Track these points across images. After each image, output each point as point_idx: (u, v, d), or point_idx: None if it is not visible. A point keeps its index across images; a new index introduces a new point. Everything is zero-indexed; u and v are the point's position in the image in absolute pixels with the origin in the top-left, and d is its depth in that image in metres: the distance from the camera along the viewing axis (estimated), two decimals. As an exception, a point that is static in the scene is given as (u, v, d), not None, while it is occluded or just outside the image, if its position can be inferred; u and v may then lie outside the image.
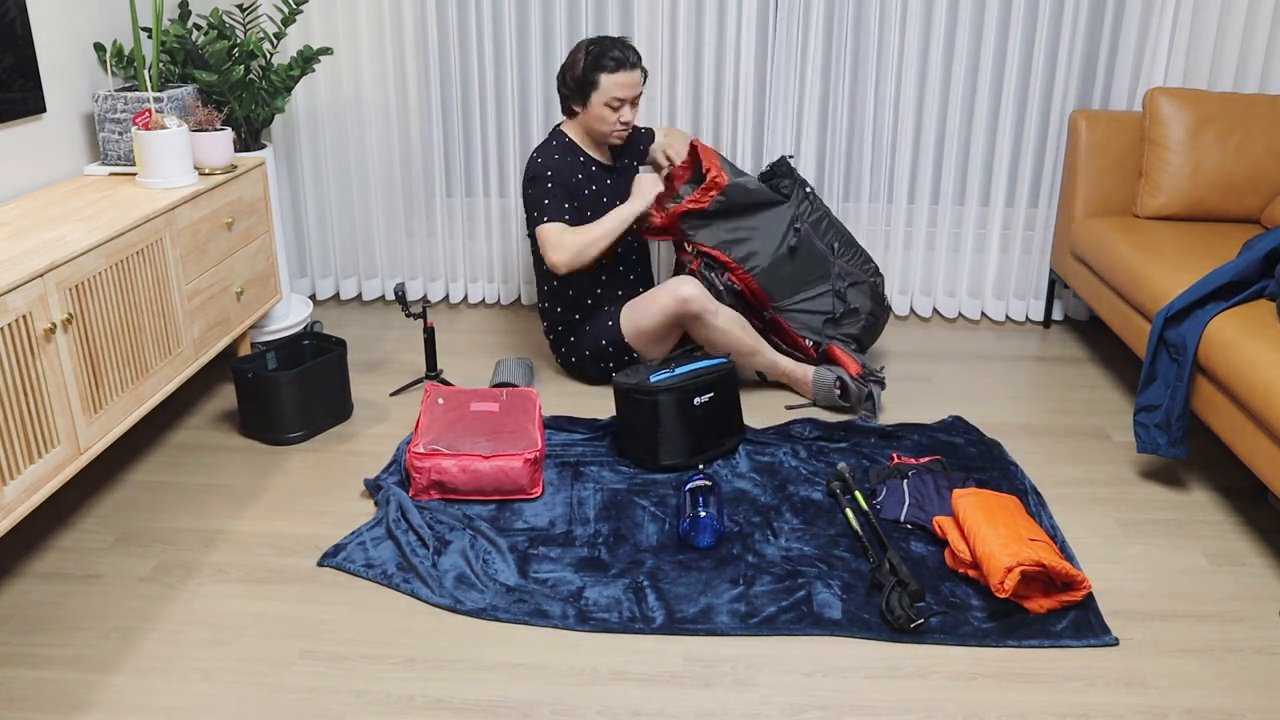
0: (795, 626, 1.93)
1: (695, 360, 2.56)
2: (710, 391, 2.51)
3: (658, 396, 2.44)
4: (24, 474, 1.92)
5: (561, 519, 2.28)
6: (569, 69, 2.82)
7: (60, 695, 1.76)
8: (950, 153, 3.37)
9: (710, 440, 2.53)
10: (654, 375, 2.49)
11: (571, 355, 2.98)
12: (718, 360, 2.58)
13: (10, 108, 2.49)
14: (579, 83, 2.80)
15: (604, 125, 2.84)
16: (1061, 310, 3.55)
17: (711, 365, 2.55)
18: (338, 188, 3.55)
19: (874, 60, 3.29)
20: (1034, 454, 2.61)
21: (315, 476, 2.49)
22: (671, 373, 2.50)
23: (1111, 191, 3.19)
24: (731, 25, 3.25)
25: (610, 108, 2.81)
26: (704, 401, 2.50)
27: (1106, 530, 2.28)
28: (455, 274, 3.64)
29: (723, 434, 2.55)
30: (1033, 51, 3.25)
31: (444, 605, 1.99)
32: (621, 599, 2.00)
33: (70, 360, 2.05)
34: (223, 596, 2.03)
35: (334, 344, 2.77)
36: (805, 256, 2.93)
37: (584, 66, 2.78)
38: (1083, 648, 1.89)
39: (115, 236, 2.20)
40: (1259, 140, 2.98)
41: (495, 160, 3.48)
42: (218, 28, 2.86)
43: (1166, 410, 2.37)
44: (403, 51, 3.37)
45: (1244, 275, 2.36)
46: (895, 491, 2.34)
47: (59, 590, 2.05)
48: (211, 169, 2.71)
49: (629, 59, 2.79)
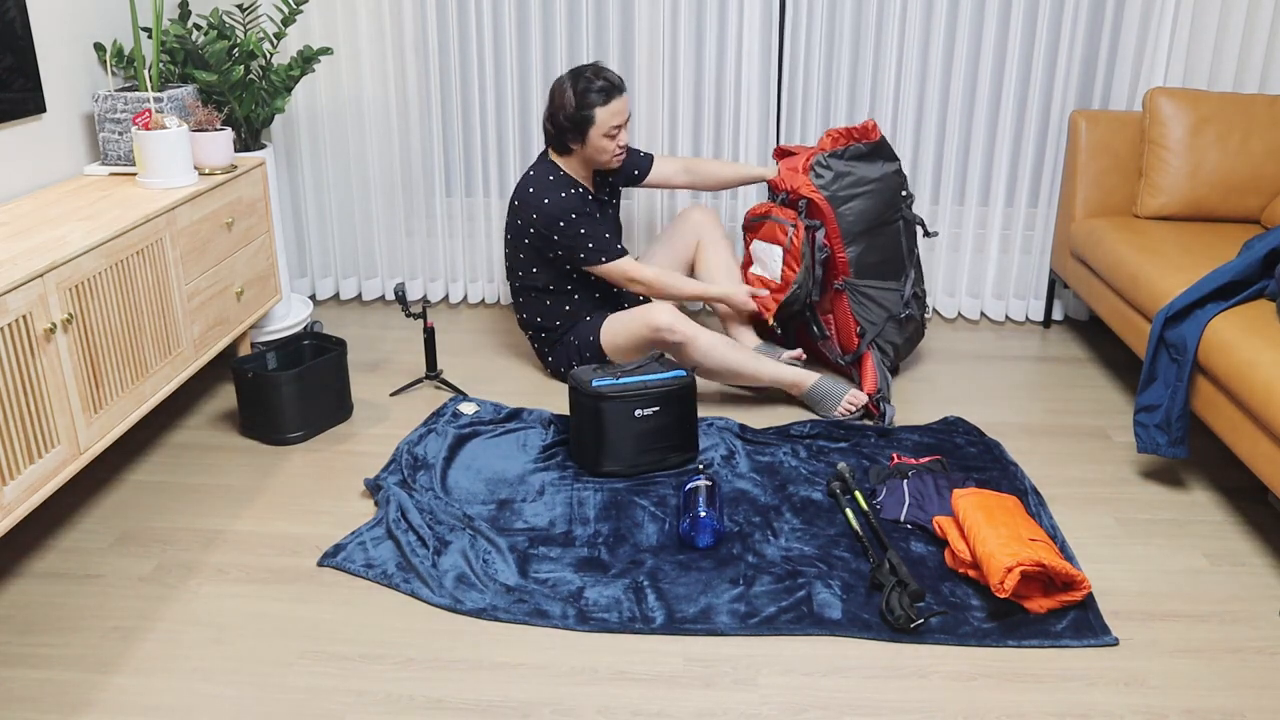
0: (795, 626, 1.93)
1: (650, 372, 2.47)
2: (655, 406, 2.43)
3: (600, 404, 2.40)
4: (24, 474, 1.92)
5: (561, 519, 2.28)
6: (559, 109, 2.80)
7: (60, 695, 1.76)
8: (950, 153, 3.37)
9: (655, 454, 2.46)
10: (597, 380, 2.43)
11: (560, 365, 2.99)
12: (674, 374, 2.48)
13: (10, 108, 2.49)
14: (574, 121, 2.78)
15: (604, 155, 2.85)
16: (1061, 310, 3.55)
17: (663, 378, 2.45)
18: (338, 188, 3.55)
19: (873, 60, 3.29)
20: (1034, 454, 2.61)
21: (315, 476, 2.49)
22: (615, 380, 2.43)
23: (1111, 191, 3.19)
24: (733, 26, 3.25)
25: (609, 137, 2.82)
26: (648, 414, 2.43)
27: (1106, 530, 2.28)
28: (455, 274, 3.64)
29: (670, 449, 2.48)
30: (1033, 51, 3.25)
31: (444, 605, 1.99)
32: (621, 599, 2.00)
33: (70, 360, 2.05)
34: (223, 596, 2.03)
35: (334, 344, 2.77)
36: (892, 246, 2.90)
37: (576, 104, 2.77)
38: (1083, 648, 1.89)
39: (115, 236, 2.20)
40: (1259, 140, 2.98)
41: (495, 160, 3.48)
42: (218, 28, 2.86)
43: (1166, 410, 2.37)
44: (403, 51, 3.37)
45: (1244, 275, 2.36)
46: (895, 491, 2.34)
47: (59, 590, 2.05)
48: (211, 169, 2.71)
49: (615, 84, 2.79)
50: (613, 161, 2.88)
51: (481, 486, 2.41)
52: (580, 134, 2.81)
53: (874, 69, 3.30)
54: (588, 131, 2.80)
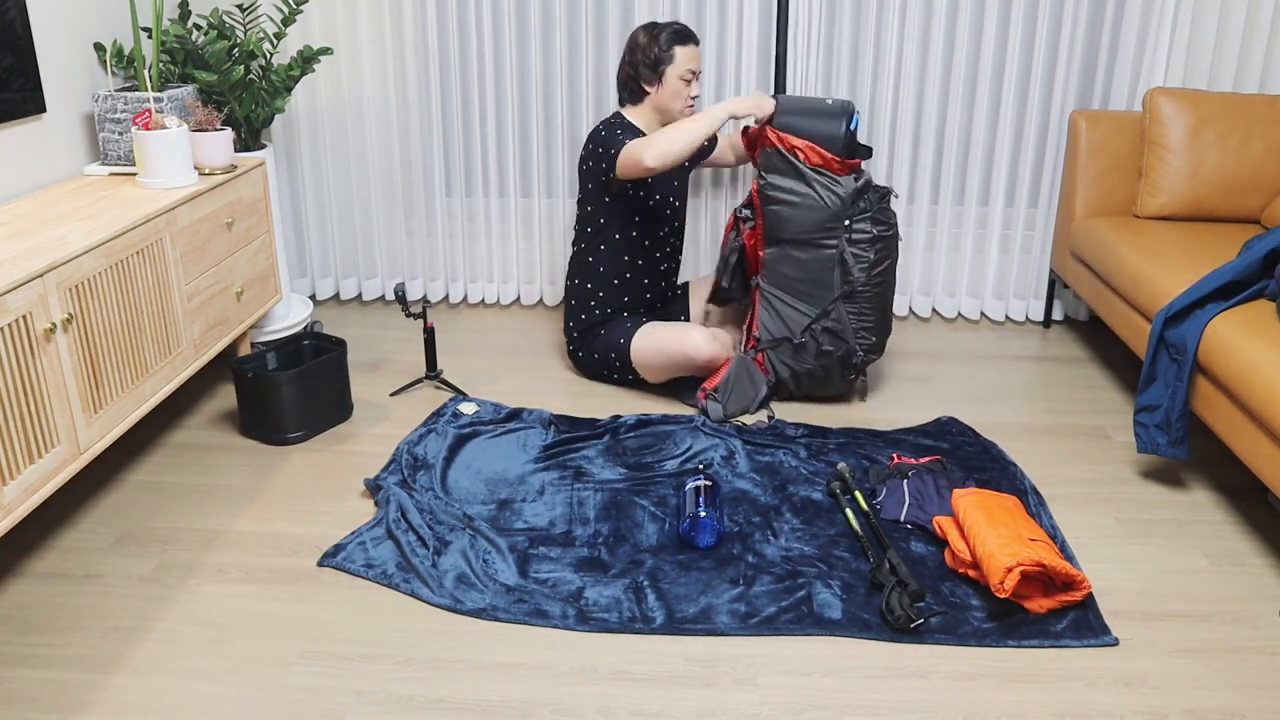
0: (795, 626, 1.93)
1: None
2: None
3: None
4: (24, 474, 1.92)
5: (561, 519, 2.28)
6: (636, 50, 2.86)
7: (60, 695, 1.76)
8: (950, 153, 3.37)
9: None
10: None
11: (579, 350, 2.99)
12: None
13: (10, 108, 2.49)
14: (654, 60, 2.83)
15: (678, 101, 2.89)
16: (1061, 310, 3.55)
17: None
18: (338, 188, 3.55)
19: (873, 60, 3.29)
20: (1034, 454, 2.61)
21: (315, 476, 2.49)
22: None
23: (1111, 191, 3.19)
24: (732, 27, 3.25)
25: (684, 80, 2.86)
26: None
27: (1106, 530, 2.28)
28: (455, 274, 3.64)
29: None
30: (1033, 51, 3.25)
31: (444, 605, 1.99)
32: (621, 599, 2.00)
33: (70, 360, 2.05)
34: (223, 596, 2.03)
35: (334, 344, 2.77)
36: (815, 269, 2.73)
37: (659, 43, 2.83)
38: (1083, 648, 1.89)
39: (115, 236, 2.20)
40: (1259, 140, 2.98)
41: (495, 160, 3.48)
42: (218, 28, 2.86)
43: (1166, 410, 2.37)
44: (403, 51, 3.37)
45: (1244, 275, 2.36)
46: (895, 491, 2.34)
47: (59, 590, 2.05)
48: (211, 169, 2.71)
49: (693, 34, 2.88)
50: (684, 110, 2.91)
51: (481, 486, 2.41)
52: (658, 73, 2.85)
53: (874, 69, 3.30)
54: (665, 71, 2.84)
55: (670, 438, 2.63)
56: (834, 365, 2.79)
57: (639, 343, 2.86)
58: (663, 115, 2.94)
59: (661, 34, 2.84)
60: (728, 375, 2.77)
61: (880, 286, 2.76)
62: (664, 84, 2.87)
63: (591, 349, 2.95)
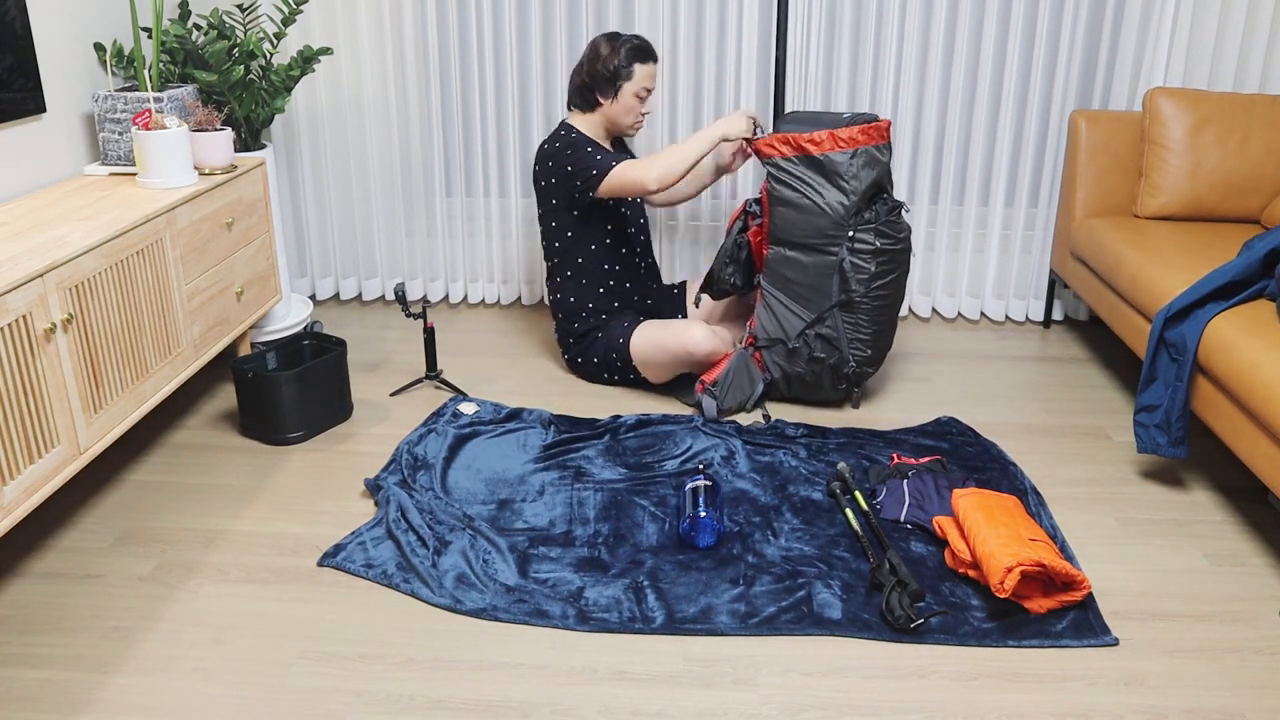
0: (795, 626, 1.93)
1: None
2: None
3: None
4: (24, 474, 1.92)
5: (561, 519, 2.28)
6: (595, 60, 2.82)
7: (60, 695, 1.76)
8: (950, 153, 3.37)
9: None
10: None
11: (578, 357, 2.99)
12: None
13: (10, 108, 2.49)
14: (612, 73, 2.81)
15: (629, 117, 2.87)
16: (1061, 310, 3.55)
17: None
18: (338, 188, 3.55)
19: (873, 60, 3.29)
20: (1034, 454, 2.61)
21: (315, 476, 2.49)
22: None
23: (1111, 191, 3.19)
24: (732, 27, 3.25)
25: (639, 98, 2.85)
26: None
27: (1106, 530, 2.28)
28: (455, 274, 3.64)
29: None
30: (1033, 51, 3.25)
31: (444, 605, 1.99)
32: (621, 599, 2.00)
33: (70, 360, 2.05)
34: (223, 596, 2.03)
35: (334, 344, 2.77)
36: (815, 274, 2.70)
37: (619, 56, 2.80)
38: (1083, 648, 1.89)
39: (115, 236, 2.20)
40: (1259, 140, 2.98)
41: (495, 160, 3.48)
42: (218, 28, 2.86)
43: (1166, 410, 2.37)
44: (403, 51, 3.37)
45: (1244, 275, 2.36)
46: (895, 491, 2.34)
47: (59, 590, 2.05)
48: (211, 169, 2.71)
49: (653, 51, 2.85)
50: (634, 127, 2.90)
51: (481, 486, 2.41)
52: (614, 87, 2.83)
53: (874, 69, 3.30)
54: (622, 86, 2.83)
55: (670, 438, 2.63)
56: (825, 372, 2.76)
57: (638, 340, 2.86)
58: (611, 128, 2.92)
59: (623, 48, 2.80)
60: (727, 369, 2.77)
61: (882, 300, 2.70)
62: (618, 99, 2.85)
63: (591, 353, 2.95)
